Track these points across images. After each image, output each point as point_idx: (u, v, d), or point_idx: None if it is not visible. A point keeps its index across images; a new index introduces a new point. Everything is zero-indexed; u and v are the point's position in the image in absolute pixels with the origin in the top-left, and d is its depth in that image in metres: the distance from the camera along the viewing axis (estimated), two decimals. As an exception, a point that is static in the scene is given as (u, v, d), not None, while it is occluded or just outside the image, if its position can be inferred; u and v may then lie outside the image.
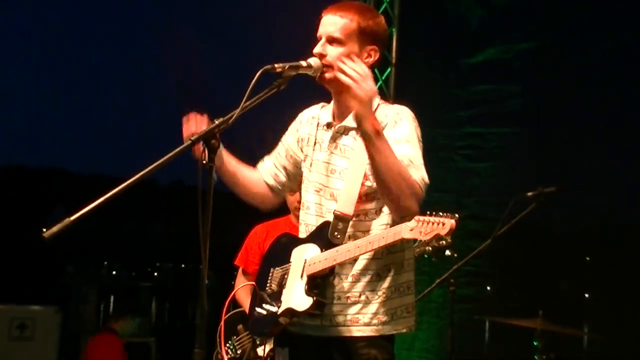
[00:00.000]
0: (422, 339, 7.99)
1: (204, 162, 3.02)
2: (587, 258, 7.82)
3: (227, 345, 5.91)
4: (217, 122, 3.12)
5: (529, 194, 5.54)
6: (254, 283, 3.91)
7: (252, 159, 4.00)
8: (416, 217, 3.14)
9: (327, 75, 3.49)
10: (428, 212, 3.10)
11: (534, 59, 7.82)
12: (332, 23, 3.56)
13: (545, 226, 6.83)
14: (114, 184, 2.81)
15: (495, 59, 7.92)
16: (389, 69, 8.42)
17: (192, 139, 3.10)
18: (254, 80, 3.14)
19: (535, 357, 5.82)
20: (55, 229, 2.69)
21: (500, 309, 6.80)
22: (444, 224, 3.04)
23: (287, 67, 3.31)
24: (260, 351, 5.60)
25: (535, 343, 5.77)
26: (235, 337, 5.90)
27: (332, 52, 3.47)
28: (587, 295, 7.89)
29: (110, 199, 2.88)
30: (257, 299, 3.80)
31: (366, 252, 3.39)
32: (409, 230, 3.16)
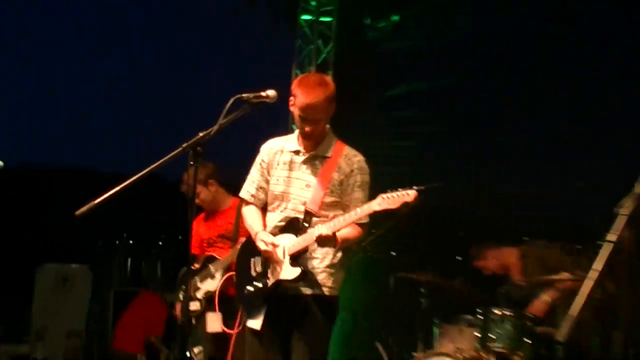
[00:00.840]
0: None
1: (192, 162, 3.73)
2: (461, 232, 8.42)
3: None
4: (201, 134, 3.76)
5: (419, 187, 5.27)
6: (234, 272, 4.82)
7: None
8: (381, 195, 4.00)
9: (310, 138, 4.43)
10: (388, 190, 3.99)
11: (431, 96, 8.63)
12: (313, 105, 4.35)
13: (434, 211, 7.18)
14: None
15: (402, 94, 8.71)
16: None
17: (183, 146, 3.69)
18: (227, 105, 3.83)
19: (421, 300, 6.85)
20: (84, 209, 3.70)
21: (402, 267, 7.16)
22: (408, 194, 3.88)
23: (252, 96, 3.95)
24: (193, 306, 6.32)
25: (422, 290, 6.82)
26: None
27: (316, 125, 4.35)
28: (459, 258, 8.06)
29: (122, 190, 3.88)
30: (244, 280, 4.53)
31: (342, 228, 4.12)
32: (377, 205, 4.01)
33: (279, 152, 4.62)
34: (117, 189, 4.39)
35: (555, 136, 7.95)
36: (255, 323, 4.38)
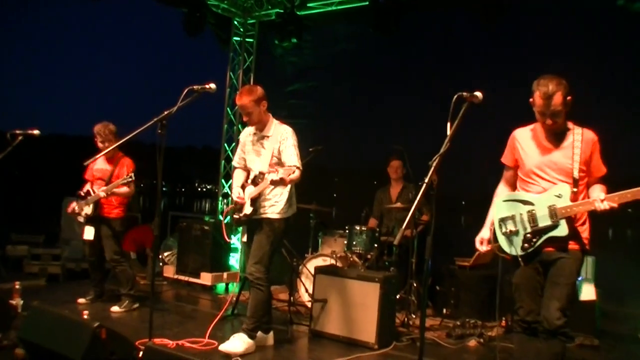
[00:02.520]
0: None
1: (159, 131, 3.81)
2: (336, 178, 8.64)
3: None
4: (165, 112, 3.84)
5: (311, 149, 6.18)
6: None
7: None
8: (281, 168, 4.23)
9: (251, 124, 4.68)
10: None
11: (316, 91, 8.70)
12: (242, 105, 4.60)
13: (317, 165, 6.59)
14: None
15: (297, 89, 8.86)
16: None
17: (154, 120, 3.80)
18: (183, 93, 3.90)
19: (311, 221, 6.82)
20: (89, 160, 4.73)
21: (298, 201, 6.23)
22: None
23: (199, 87, 4.01)
24: (87, 209, 5.90)
25: (311, 214, 6.82)
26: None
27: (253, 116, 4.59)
28: (335, 195, 8.53)
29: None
30: (236, 210, 4.71)
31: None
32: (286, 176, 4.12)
33: (247, 134, 4.89)
34: (112, 147, 5.19)
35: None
36: (245, 238, 4.86)
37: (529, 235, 3.50)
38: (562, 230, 3.45)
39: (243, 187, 4.74)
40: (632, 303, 5.88)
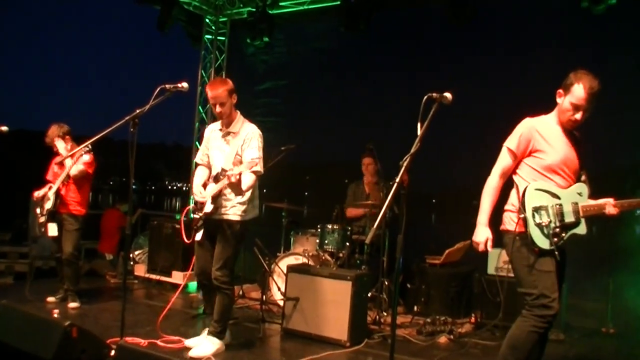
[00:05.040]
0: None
1: (131, 130, 3.83)
2: (307, 176, 8.60)
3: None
4: (137, 111, 3.86)
5: (283, 148, 6.30)
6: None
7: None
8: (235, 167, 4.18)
9: (222, 116, 4.52)
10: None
11: (287, 89, 8.73)
12: (216, 96, 4.44)
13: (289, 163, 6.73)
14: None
15: (269, 87, 8.85)
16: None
17: (126, 118, 3.83)
18: (155, 92, 3.91)
19: (283, 220, 6.82)
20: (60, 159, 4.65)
21: (270, 199, 6.79)
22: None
23: (171, 86, 4.02)
24: (48, 204, 5.89)
25: (283, 213, 6.79)
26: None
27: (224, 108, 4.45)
28: (306, 193, 8.43)
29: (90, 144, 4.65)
30: (196, 209, 4.57)
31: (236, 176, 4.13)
32: (246, 170, 4.16)
33: (211, 130, 4.77)
34: (86, 143, 4.91)
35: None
36: (198, 236, 4.57)
37: (557, 229, 3.40)
38: (582, 228, 3.49)
39: (205, 185, 4.60)
40: (597, 297, 5.97)
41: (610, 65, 5.97)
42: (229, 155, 4.50)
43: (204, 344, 4.55)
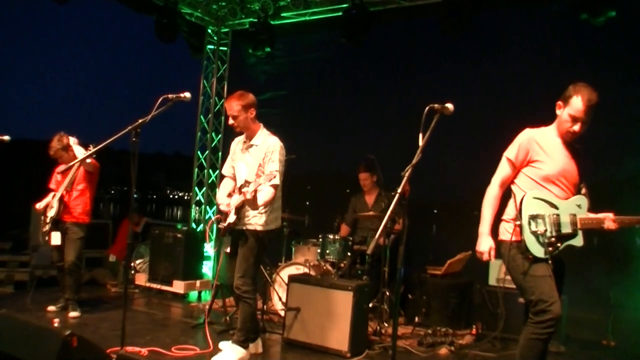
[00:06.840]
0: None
1: (134, 139, 3.82)
2: (308, 187, 8.41)
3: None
4: (140, 121, 3.84)
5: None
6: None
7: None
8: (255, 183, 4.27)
9: (237, 128, 4.62)
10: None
11: (287, 99, 8.67)
12: (230, 108, 4.58)
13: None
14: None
15: (270, 98, 8.64)
16: (222, 100, 9.11)
17: (128, 128, 3.79)
18: (158, 102, 3.90)
19: (284, 229, 6.59)
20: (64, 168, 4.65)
21: None
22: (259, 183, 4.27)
23: (174, 96, 4.00)
24: (51, 212, 5.97)
25: (284, 223, 6.48)
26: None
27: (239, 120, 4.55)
28: (307, 203, 8.16)
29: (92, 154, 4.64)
30: (221, 219, 4.64)
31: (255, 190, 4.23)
32: (265, 183, 4.26)
33: (237, 143, 4.84)
34: (88, 153, 4.84)
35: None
36: (228, 249, 4.72)
37: (553, 239, 3.40)
38: (579, 240, 3.48)
39: (230, 195, 4.66)
40: (597, 309, 5.95)
41: (609, 77, 5.96)
42: (252, 167, 4.56)
43: (227, 351, 4.58)
